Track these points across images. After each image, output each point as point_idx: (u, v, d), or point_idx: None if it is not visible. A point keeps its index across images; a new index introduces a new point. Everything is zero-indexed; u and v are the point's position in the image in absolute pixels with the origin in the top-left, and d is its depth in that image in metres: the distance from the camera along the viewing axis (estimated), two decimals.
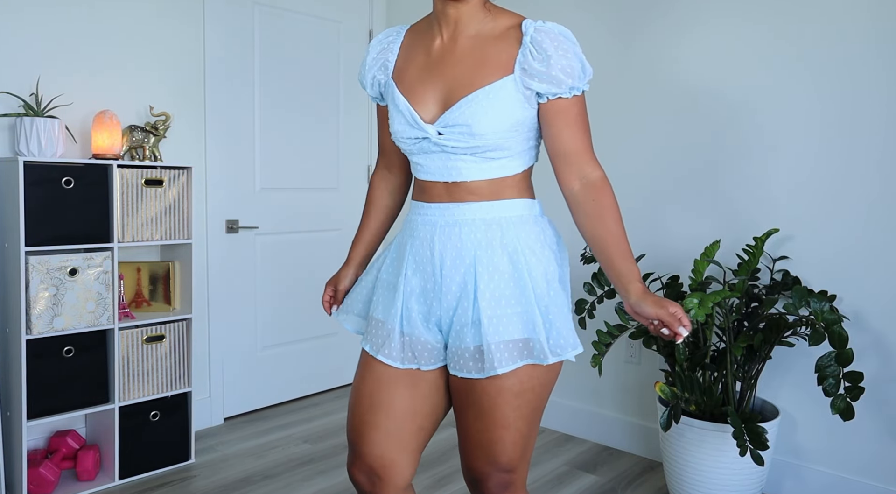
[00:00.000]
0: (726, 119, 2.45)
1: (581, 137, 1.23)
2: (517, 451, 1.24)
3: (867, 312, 2.18)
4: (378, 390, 1.28)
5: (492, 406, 1.21)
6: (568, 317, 1.24)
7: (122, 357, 2.36)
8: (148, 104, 2.71)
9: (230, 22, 2.95)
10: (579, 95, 1.21)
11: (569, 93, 1.20)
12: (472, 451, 1.26)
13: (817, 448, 2.29)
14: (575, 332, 1.25)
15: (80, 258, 2.26)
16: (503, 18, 1.25)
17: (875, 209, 2.16)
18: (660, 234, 2.64)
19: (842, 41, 2.20)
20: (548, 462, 2.65)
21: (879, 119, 2.14)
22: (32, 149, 2.23)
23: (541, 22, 1.20)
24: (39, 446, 2.46)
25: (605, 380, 2.83)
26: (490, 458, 1.24)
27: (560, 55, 1.18)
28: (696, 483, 2.14)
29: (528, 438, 1.26)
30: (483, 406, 1.22)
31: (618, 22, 2.72)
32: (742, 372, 2.19)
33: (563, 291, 1.26)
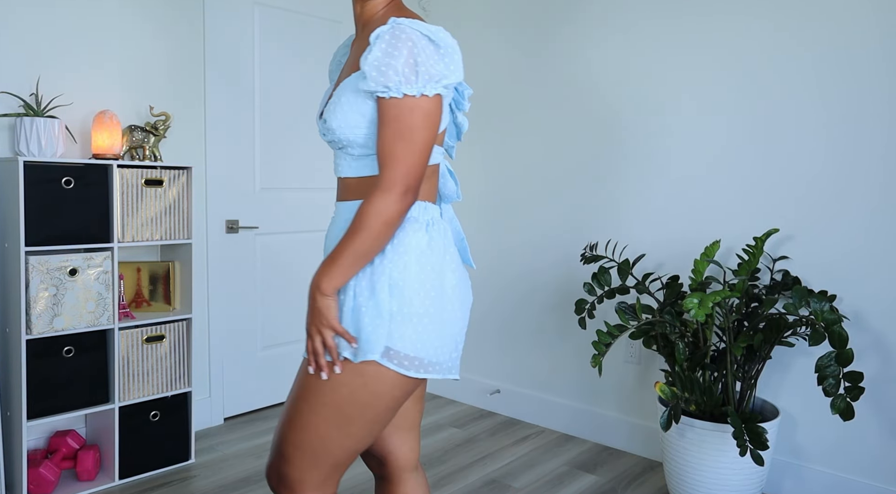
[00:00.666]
0: (727, 120, 2.45)
1: (388, 145, 1.13)
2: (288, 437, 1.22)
3: (867, 312, 2.18)
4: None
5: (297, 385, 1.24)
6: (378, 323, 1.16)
7: (122, 357, 2.36)
8: (148, 104, 2.71)
9: (230, 22, 2.95)
10: (399, 98, 1.11)
11: (384, 93, 1.11)
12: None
13: (817, 448, 2.29)
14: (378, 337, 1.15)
15: (80, 258, 2.25)
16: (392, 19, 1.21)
17: (876, 210, 2.16)
18: (660, 234, 2.64)
19: (845, 40, 2.20)
20: (548, 462, 2.65)
21: (881, 119, 2.14)
22: (32, 149, 2.23)
23: (402, 19, 1.14)
24: (39, 446, 2.46)
25: (605, 380, 2.83)
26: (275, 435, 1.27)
27: (382, 53, 1.11)
28: (696, 483, 2.14)
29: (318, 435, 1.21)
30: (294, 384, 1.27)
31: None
32: (742, 372, 2.19)
33: (390, 296, 1.17)
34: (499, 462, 2.64)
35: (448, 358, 1.23)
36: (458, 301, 1.23)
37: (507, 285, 3.15)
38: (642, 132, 2.67)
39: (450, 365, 1.23)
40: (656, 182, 2.64)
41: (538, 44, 2.99)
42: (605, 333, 2.16)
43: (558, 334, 2.97)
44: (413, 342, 1.17)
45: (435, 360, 1.20)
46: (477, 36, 3.22)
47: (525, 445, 2.81)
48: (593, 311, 2.48)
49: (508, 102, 3.11)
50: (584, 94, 2.84)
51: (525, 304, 3.08)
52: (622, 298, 2.73)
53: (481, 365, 3.27)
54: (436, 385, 3.45)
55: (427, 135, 1.13)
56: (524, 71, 3.04)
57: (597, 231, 2.82)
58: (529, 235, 3.05)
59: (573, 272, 2.91)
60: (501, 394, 3.18)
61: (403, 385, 1.20)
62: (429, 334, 1.18)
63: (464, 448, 2.77)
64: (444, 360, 1.22)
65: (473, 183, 3.26)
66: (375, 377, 1.17)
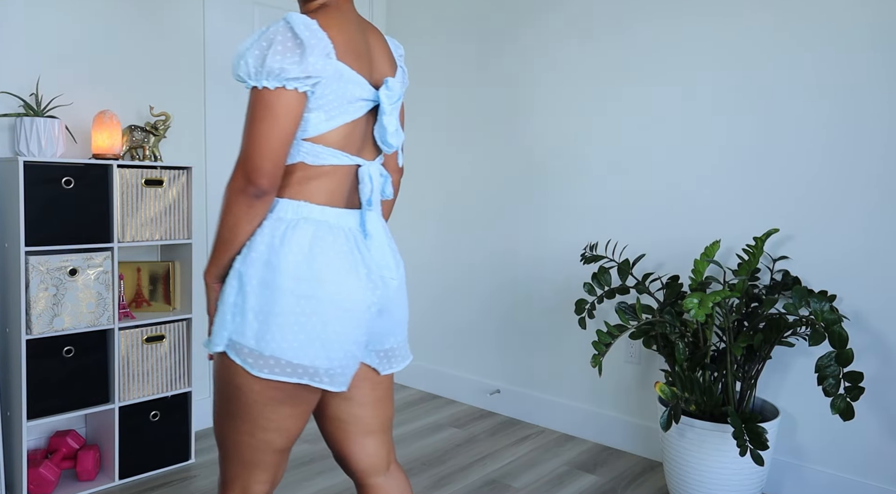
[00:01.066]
0: (728, 120, 2.46)
1: (243, 132, 1.16)
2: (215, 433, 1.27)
3: (867, 312, 2.18)
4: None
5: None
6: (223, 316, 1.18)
7: (122, 357, 2.36)
8: (148, 104, 2.71)
9: (230, 22, 2.95)
10: (249, 89, 1.14)
11: (242, 82, 1.15)
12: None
13: (817, 448, 2.29)
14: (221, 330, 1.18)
15: (80, 258, 2.25)
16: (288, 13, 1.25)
17: (876, 209, 2.16)
18: (660, 234, 2.64)
19: (845, 41, 2.20)
20: (548, 462, 2.65)
21: (881, 119, 2.14)
22: (32, 149, 2.23)
23: (292, 14, 1.15)
24: (39, 446, 2.46)
25: (605, 380, 2.83)
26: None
27: (247, 44, 1.14)
28: (696, 483, 2.14)
29: (218, 428, 1.26)
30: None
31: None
32: (742, 372, 2.19)
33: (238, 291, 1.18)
34: (499, 462, 2.64)
35: (321, 366, 1.18)
36: (332, 308, 1.18)
37: (506, 285, 3.15)
38: (642, 132, 2.67)
39: (324, 374, 1.18)
40: (656, 182, 2.64)
41: (529, 37, 2.99)
42: (605, 333, 2.16)
43: (558, 334, 2.97)
44: (257, 339, 1.15)
45: (296, 363, 1.16)
46: (448, 34, 3.22)
47: (525, 445, 2.81)
48: (593, 311, 2.48)
49: (508, 100, 3.11)
50: (583, 93, 2.84)
51: (525, 304, 3.08)
52: (622, 298, 2.73)
53: (481, 365, 3.28)
54: (436, 385, 3.46)
55: (266, 128, 1.12)
56: (522, 67, 3.04)
57: (597, 231, 2.82)
58: (529, 234, 3.05)
59: (573, 272, 2.91)
60: (501, 394, 3.18)
61: (261, 384, 1.17)
62: (283, 334, 1.15)
63: (464, 448, 2.77)
64: (310, 365, 1.17)
65: (472, 181, 3.26)
66: (234, 372, 1.18)
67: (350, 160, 1.24)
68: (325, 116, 1.18)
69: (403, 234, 3.57)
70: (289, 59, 1.11)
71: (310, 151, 1.20)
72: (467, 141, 3.28)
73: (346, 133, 1.22)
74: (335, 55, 1.16)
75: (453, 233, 3.36)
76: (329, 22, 1.18)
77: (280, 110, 1.12)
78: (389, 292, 1.29)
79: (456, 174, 3.33)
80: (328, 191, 1.22)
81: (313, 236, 1.18)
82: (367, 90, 1.22)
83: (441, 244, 3.41)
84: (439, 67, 3.37)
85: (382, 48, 1.32)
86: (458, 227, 3.34)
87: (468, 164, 3.28)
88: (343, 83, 1.18)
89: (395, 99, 1.25)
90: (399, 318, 1.35)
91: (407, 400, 3.36)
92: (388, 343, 1.36)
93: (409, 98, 3.52)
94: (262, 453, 1.23)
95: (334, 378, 1.20)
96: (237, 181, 1.14)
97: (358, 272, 1.22)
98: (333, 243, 1.20)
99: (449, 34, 3.34)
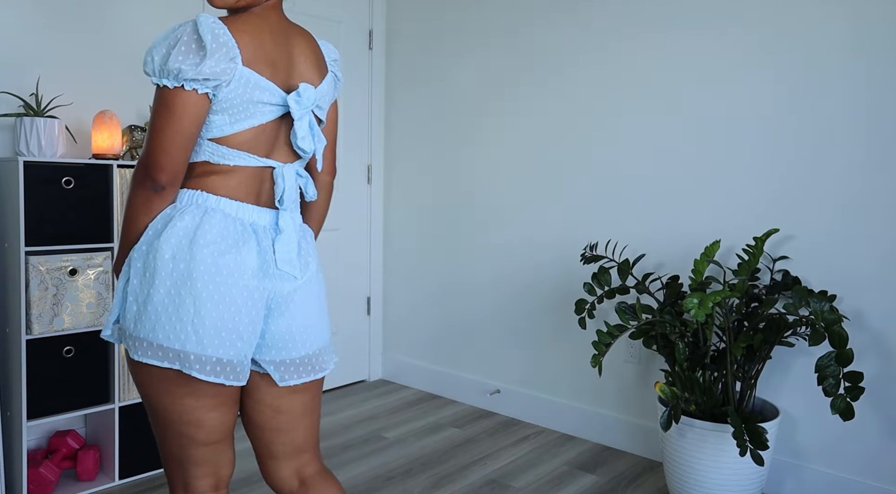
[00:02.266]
0: (728, 120, 2.45)
1: (147, 128, 1.19)
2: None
3: (867, 312, 2.18)
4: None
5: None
6: (116, 302, 1.22)
7: (122, 357, 2.36)
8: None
9: None
10: (156, 85, 1.16)
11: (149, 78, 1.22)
12: None
13: (817, 448, 2.29)
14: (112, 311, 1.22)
15: (80, 258, 2.26)
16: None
17: (876, 209, 2.16)
18: (660, 234, 2.64)
19: (845, 41, 2.20)
20: (548, 462, 2.65)
21: (882, 119, 2.14)
22: (32, 149, 2.23)
23: (202, 16, 1.17)
24: (39, 446, 2.46)
25: (605, 380, 2.83)
26: None
27: (156, 41, 1.17)
28: (696, 483, 2.14)
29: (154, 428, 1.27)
30: None
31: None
32: (742, 372, 2.19)
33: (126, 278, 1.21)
34: (499, 462, 2.64)
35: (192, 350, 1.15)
36: (206, 289, 1.16)
37: (506, 286, 3.15)
38: (642, 132, 2.67)
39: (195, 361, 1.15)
40: (656, 182, 2.64)
41: (530, 34, 2.99)
42: (605, 333, 2.16)
43: (558, 334, 2.97)
44: (135, 322, 1.17)
45: (166, 346, 1.15)
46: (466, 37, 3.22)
47: (525, 445, 2.81)
48: (593, 311, 2.48)
49: (507, 100, 3.11)
50: (583, 93, 2.84)
51: (525, 304, 3.08)
52: (622, 298, 2.73)
53: (481, 365, 3.28)
54: (436, 385, 3.46)
55: (165, 125, 1.14)
56: (522, 66, 3.04)
57: (597, 231, 2.82)
58: (529, 234, 3.05)
59: (573, 272, 2.91)
60: (501, 394, 3.18)
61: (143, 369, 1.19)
62: (157, 317, 1.15)
63: (464, 448, 2.77)
64: (180, 349, 1.15)
65: (471, 181, 3.26)
66: (129, 361, 1.22)
67: (258, 161, 1.25)
68: (229, 119, 1.19)
69: (403, 234, 3.57)
70: (189, 61, 1.12)
71: (215, 151, 1.22)
72: (466, 140, 3.28)
73: (253, 136, 1.23)
74: (241, 61, 1.17)
75: (453, 233, 3.36)
76: (243, 27, 1.20)
77: (178, 109, 1.14)
78: (287, 289, 1.26)
79: (455, 174, 3.33)
80: (231, 186, 1.23)
81: (201, 221, 1.18)
82: (277, 96, 1.23)
83: (441, 244, 3.41)
84: (438, 65, 3.37)
85: (309, 54, 1.32)
86: (457, 227, 3.34)
87: (467, 163, 3.28)
88: (250, 89, 1.19)
89: (306, 105, 1.24)
90: (305, 322, 1.29)
91: (407, 400, 3.36)
92: (290, 352, 1.27)
93: (405, 97, 3.52)
94: (187, 448, 1.23)
95: (206, 367, 1.15)
96: (138, 174, 1.18)
97: (246, 255, 1.20)
98: (222, 228, 1.19)
99: (447, 34, 3.34)
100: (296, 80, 1.28)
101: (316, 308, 1.31)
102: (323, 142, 1.31)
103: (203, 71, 1.12)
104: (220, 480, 1.27)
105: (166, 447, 1.25)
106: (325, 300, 1.36)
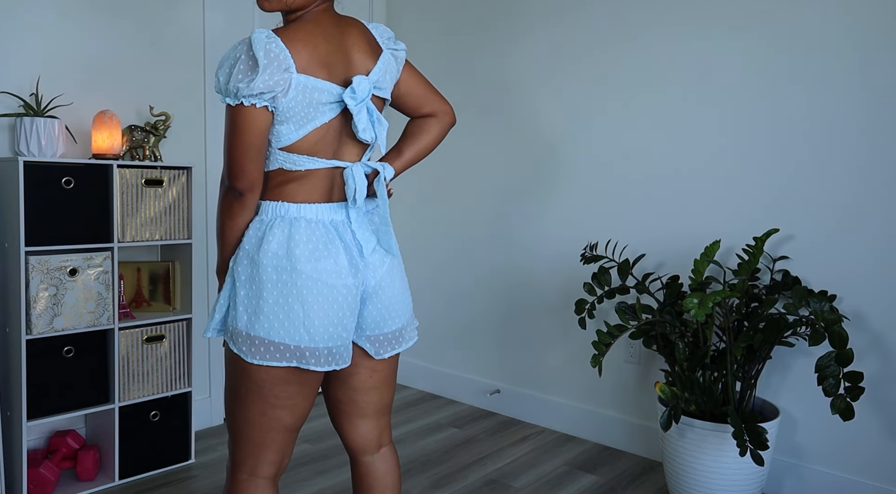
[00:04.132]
0: (728, 120, 2.46)
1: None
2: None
3: (867, 312, 2.18)
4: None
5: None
6: (217, 306, 1.35)
7: (122, 357, 2.36)
8: (148, 104, 2.71)
9: (230, 21, 2.95)
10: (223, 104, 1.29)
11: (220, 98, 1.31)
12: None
13: (817, 448, 2.29)
14: (213, 316, 1.35)
15: (80, 258, 2.25)
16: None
17: (876, 209, 2.16)
18: (660, 234, 2.64)
19: (844, 41, 2.20)
20: (548, 462, 2.65)
21: (882, 119, 2.14)
22: (32, 149, 2.23)
23: (257, 32, 1.25)
24: (39, 446, 2.46)
25: (605, 380, 2.83)
26: None
27: (219, 64, 1.27)
28: (696, 483, 2.14)
29: (230, 411, 1.38)
30: None
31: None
32: (742, 372, 2.19)
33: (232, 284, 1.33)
34: (499, 462, 2.64)
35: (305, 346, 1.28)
36: (311, 291, 1.28)
37: (506, 285, 3.15)
38: (642, 132, 2.67)
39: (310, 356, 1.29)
40: (656, 182, 2.64)
41: (529, 31, 2.99)
42: (605, 333, 2.16)
43: (558, 334, 2.97)
44: (247, 327, 1.29)
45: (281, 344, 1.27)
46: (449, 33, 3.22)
47: (525, 445, 2.81)
48: (593, 311, 2.48)
49: (507, 101, 3.11)
50: (584, 93, 2.84)
51: (525, 304, 3.08)
52: (622, 298, 2.72)
53: (481, 365, 3.28)
54: (436, 385, 3.46)
55: (234, 139, 1.26)
56: (522, 66, 3.04)
57: (597, 231, 2.82)
58: (529, 234, 3.05)
59: (573, 272, 2.91)
60: (501, 394, 3.18)
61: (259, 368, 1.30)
62: (269, 321, 1.27)
63: (464, 448, 2.77)
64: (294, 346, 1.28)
65: (472, 182, 3.26)
66: (232, 355, 1.33)
67: (326, 164, 1.34)
68: (294, 127, 1.28)
69: (403, 235, 3.57)
70: (247, 78, 1.21)
71: (286, 158, 1.32)
72: (465, 142, 3.28)
73: (320, 137, 1.31)
74: (295, 69, 1.24)
75: (453, 233, 3.36)
76: (295, 35, 1.27)
77: (241, 124, 1.25)
78: (376, 277, 1.39)
79: (455, 175, 3.33)
80: (305, 191, 1.33)
81: (290, 231, 1.30)
82: (335, 93, 1.30)
83: (441, 245, 3.41)
84: (438, 64, 3.37)
85: (362, 44, 1.38)
86: (457, 227, 3.34)
87: (468, 165, 3.28)
88: (308, 93, 1.27)
89: (361, 97, 1.31)
90: (392, 304, 1.42)
91: (407, 400, 3.36)
92: (383, 328, 1.42)
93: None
94: (273, 431, 1.35)
95: (320, 359, 1.30)
96: (222, 184, 1.33)
97: (337, 258, 1.31)
98: (310, 235, 1.31)
99: (448, 32, 3.34)
100: (353, 73, 1.34)
101: (400, 289, 1.45)
102: (385, 125, 1.39)
103: (258, 86, 1.21)
104: (280, 470, 1.40)
105: (251, 431, 1.34)
106: (406, 278, 1.49)
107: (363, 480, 1.51)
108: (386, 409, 1.53)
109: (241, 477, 1.37)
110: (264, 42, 1.22)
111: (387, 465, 1.52)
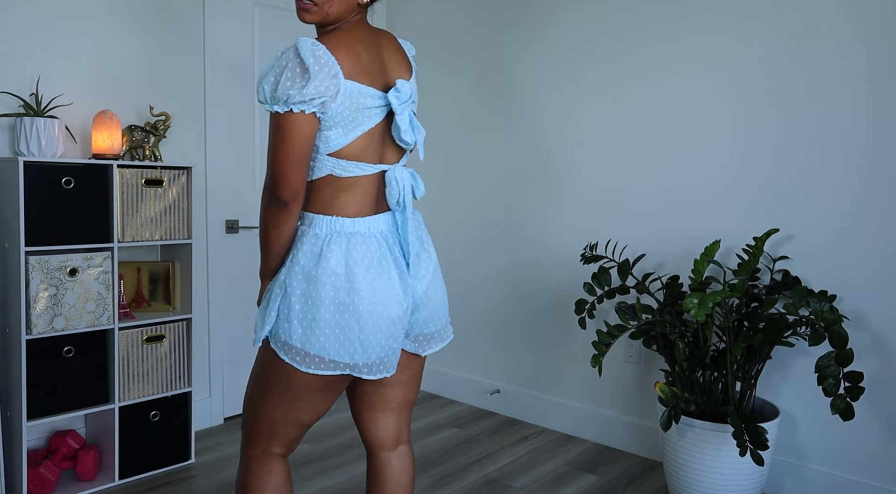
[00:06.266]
0: (728, 120, 2.46)
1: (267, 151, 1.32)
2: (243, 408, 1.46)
3: (867, 312, 2.18)
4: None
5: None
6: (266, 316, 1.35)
7: (122, 357, 2.36)
8: (148, 104, 2.71)
9: (230, 22, 2.95)
10: (269, 112, 1.27)
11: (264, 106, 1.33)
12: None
13: (817, 448, 2.29)
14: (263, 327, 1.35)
15: (80, 258, 2.25)
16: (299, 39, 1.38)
17: (876, 209, 2.16)
18: (660, 234, 2.64)
19: (843, 41, 2.20)
20: (548, 462, 2.65)
21: (882, 119, 2.14)
22: (32, 149, 2.23)
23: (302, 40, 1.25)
24: (39, 446, 2.46)
25: (605, 380, 2.83)
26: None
27: (264, 71, 1.28)
28: (696, 483, 2.14)
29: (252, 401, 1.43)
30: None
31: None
32: (742, 372, 2.19)
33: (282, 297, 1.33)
34: (499, 462, 2.64)
35: (360, 361, 1.32)
36: (368, 315, 1.31)
37: (507, 285, 3.15)
38: (642, 133, 2.67)
39: (363, 367, 1.34)
40: (656, 182, 2.64)
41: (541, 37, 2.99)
42: (605, 333, 2.16)
43: (558, 334, 2.97)
44: (303, 341, 1.30)
45: (338, 360, 1.31)
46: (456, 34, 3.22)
47: (525, 445, 2.81)
48: (593, 311, 2.48)
49: (508, 101, 3.11)
50: (584, 94, 2.84)
51: (525, 304, 3.08)
52: (622, 298, 2.72)
53: (481, 365, 3.28)
54: (436, 385, 3.46)
55: (282, 147, 1.26)
56: (523, 67, 3.04)
57: (597, 231, 2.82)
58: (529, 234, 3.05)
59: (573, 272, 2.91)
60: (501, 394, 3.18)
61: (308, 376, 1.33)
62: (326, 338, 1.30)
63: (464, 448, 2.77)
64: (350, 362, 1.32)
65: (472, 183, 3.26)
66: (273, 359, 1.35)
67: (372, 169, 1.35)
68: (343, 131, 1.30)
69: None
70: (297, 85, 1.22)
71: (335, 164, 1.33)
72: (466, 143, 3.28)
73: (365, 143, 1.33)
74: (343, 75, 1.26)
75: (453, 234, 3.36)
76: (339, 43, 1.29)
77: (290, 132, 1.25)
78: (423, 285, 1.43)
79: (456, 176, 3.33)
80: (356, 202, 1.35)
81: (347, 249, 1.31)
82: (378, 98, 1.32)
83: (440, 246, 3.41)
84: (441, 67, 3.37)
85: (396, 56, 1.42)
86: (457, 227, 3.34)
87: (468, 166, 3.28)
88: (354, 98, 1.28)
89: (404, 99, 1.34)
90: (437, 305, 1.48)
91: None
92: (428, 329, 1.48)
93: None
94: (290, 426, 1.40)
95: (373, 369, 1.35)
96: (265, 193, 1.33)
97: (391, 277, 1.34)
98: (365, 251, 1.33)
99: (450, 34, 3.34)
100: (391, 79, 1.38)
101: (441, 293, 1.49)
102: (422, 133, 1.42)
103: (309, 92, 1.22)
104: (291, 450, 1.46)
105: (269, 424, 1.40)
106: (443, 279, 1.52)
107: (377, 475, 1.53)
108: (409, 405, 1.56)
109: (254, 453, 1.42)
110: (312, 49, 1.23)
111: (402, 463, 1.54)
